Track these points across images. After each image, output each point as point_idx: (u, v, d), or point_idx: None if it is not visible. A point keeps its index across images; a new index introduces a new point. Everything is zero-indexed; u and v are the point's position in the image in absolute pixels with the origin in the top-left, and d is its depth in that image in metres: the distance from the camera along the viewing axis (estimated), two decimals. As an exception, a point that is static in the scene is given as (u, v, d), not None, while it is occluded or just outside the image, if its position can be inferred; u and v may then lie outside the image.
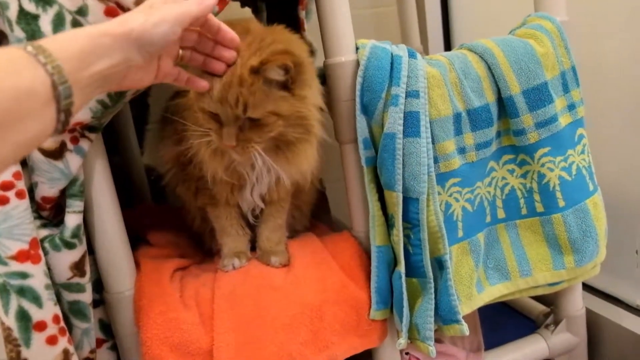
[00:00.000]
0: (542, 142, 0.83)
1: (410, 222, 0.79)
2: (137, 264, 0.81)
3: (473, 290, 0.84)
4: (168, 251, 0.89)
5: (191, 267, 0.89)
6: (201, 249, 0.98)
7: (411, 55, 0.80)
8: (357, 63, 0.79)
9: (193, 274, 0.85)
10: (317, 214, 1.03)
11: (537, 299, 1.13)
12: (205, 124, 0.73)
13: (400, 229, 0.78)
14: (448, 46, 1.46)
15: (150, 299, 0.76)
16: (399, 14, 1.37)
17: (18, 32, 0.64)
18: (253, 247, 0.89)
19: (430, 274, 0.78)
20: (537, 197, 0.86)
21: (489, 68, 0.82)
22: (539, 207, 0.86)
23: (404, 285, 0.79)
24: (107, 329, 0.81)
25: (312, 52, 1.10)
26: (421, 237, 0.78)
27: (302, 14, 1.03)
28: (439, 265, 0.80)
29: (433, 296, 0.79)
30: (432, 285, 0.79)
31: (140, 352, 0.75)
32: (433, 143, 0.79)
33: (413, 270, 0.80)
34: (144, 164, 1.26)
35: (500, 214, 0.88)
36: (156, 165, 1.28)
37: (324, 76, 0.98)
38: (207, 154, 0.77)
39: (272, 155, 0.75)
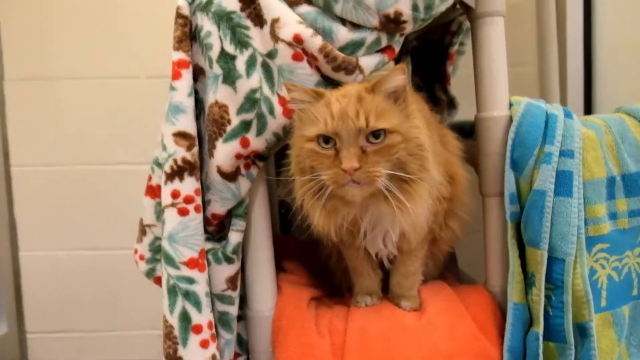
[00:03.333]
0: None
1: (553, 283, 0.77)
2: (279, 287, 0.86)
3: (613, 365, 0.79)
4: (303, 280, 0.94)
5: (323, 298, 0.93)
6: (329, 282, 1.02)
7: (567, 115, 0.80)
8: (510, 119, 0.81)
9: (327, 305, 0.89)
10: (446, 265, 1.03)
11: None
12: (313, 160, 0.68)
13: (542, 288, 0.77)
14: (588, 110, 1.43)
15: (289, 321, 0.81)
16: (539, 74, 1.36)
17: (216, 69, 0.75)
18: (386, 285, 0.91)
19: (572, 340, 0.75)
20: (695, 274, 0.80)
21: (649, 134, 0.80)
22: (696, 286, 0.80)
23: (541, 347, 0.77)
24: (243, 344, 0.87)
25: (453, 105, 1.14)
26: (564, 300, 0.76)
27: (450, 69, 1.07)
28: (581, 332, 0.76)
29: (572, 363, 0.76)
30: (573, 352, 0.75)
31: (273, 370, 0.80)
32: (583, 205, 0.77)
33: (551, 333, 0.77)
34: (277, 196, 1.34)
35: (650, 288, 0.83)
36: (289, 200, 1.36)
37: (464, 129, 1.01)
38: (316, 213, 0.72)
39: (387, 198, 0.68)
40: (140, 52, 1.40)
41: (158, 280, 0.89)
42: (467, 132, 0.99)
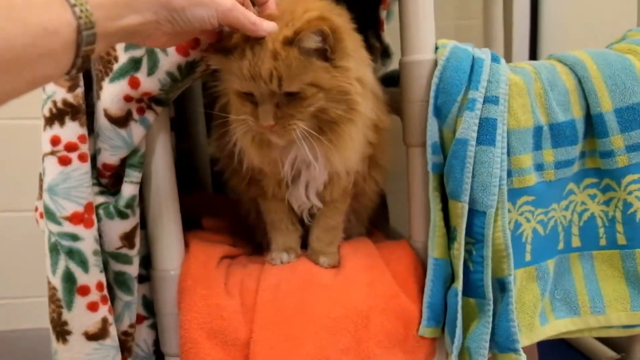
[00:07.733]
0: (631, 167, 0.75)
1: (474, 237, 0.73)
2: (187, 245, 0.80)
3: (536, 320, 0.77)
4: (220, 237, 0.88)
5: (240, 257, 0.87)
6: (253, 241, 0.96)
7: (494, 59, 0.75)
8: (435, 63, 0.75)
9: (241, 264, 0.83)
10: (375, 222, 0.99)
11: (606, 342, 1.03)
12: (241, 107, 0.68)
13: (462, 243, 0.73)
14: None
15: (194, 281, 0.75)
16: (484, 27, 1.31)
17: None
18: (305, 243, 0.86)
19: (490, 295, 0.72)
20: (620, 227, 0.77)
21: (579, 81, 0.76)
22: (621, 240, 0.78)
23: (460, 303, 0.73)
24: (150, 306, 0.80)
25: (387, 54, 1.08)
26: (484, 254, 0.72)
27: (383, 14, 1.00)
28: (501, 287, 0.73)
29: (491, 320, 0.72)
30: (491, 307, 0.72)
31: (178, 333, 0.74)
32: (508, 155, 0.73)
33: (471, 289, 0.74)
34: (209, 154, 1.26)
35: (575, 242, 0.80)
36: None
37: (393, 78, 0.95)
38: (247, 143, 0.73)
39: (315, 140, 0.68)
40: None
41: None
42: (396, 80, 0.93)
